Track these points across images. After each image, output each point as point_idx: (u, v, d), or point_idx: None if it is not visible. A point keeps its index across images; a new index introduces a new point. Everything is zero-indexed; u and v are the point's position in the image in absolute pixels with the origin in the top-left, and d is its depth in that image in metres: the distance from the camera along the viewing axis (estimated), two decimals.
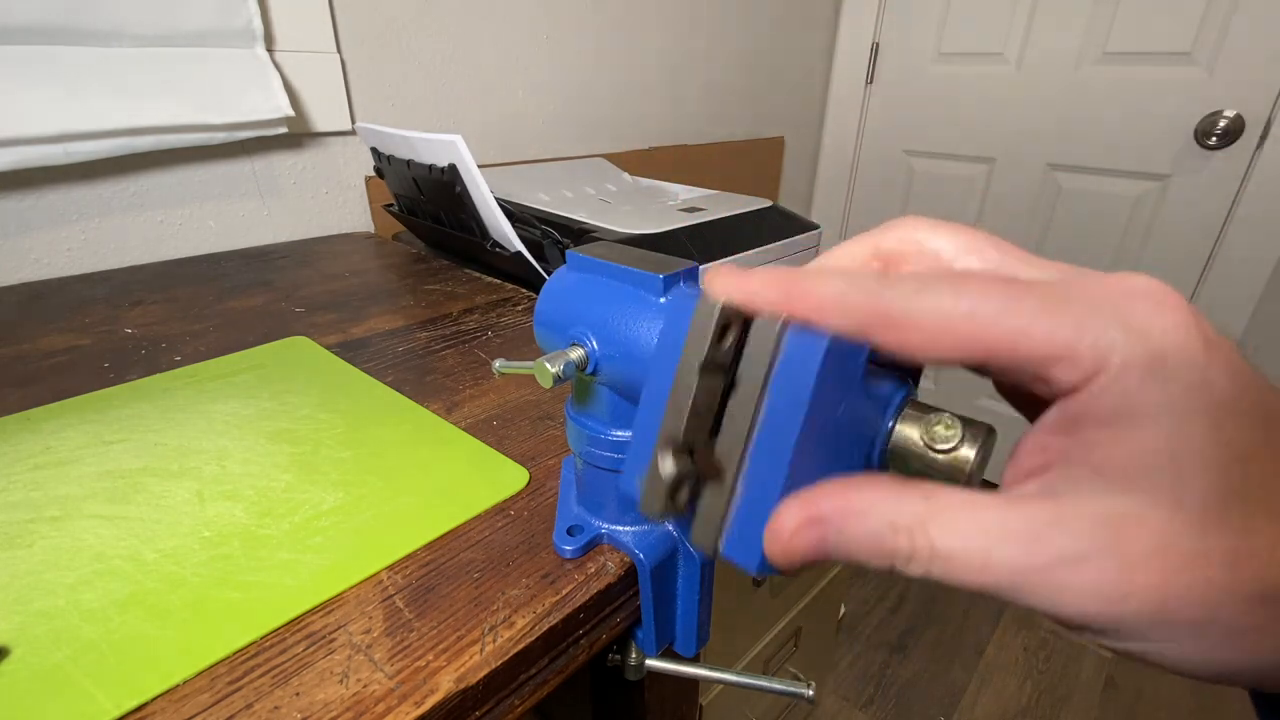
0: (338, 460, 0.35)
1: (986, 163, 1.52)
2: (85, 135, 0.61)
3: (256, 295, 0.61)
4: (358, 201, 0.88)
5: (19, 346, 0.49)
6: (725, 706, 0.78)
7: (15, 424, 0.38)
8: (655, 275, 0.24)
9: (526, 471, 0.35)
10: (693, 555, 0.29)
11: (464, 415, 0.40)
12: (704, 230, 0.72)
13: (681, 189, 0.96)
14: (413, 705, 0.22)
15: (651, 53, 1.21)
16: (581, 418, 0.27)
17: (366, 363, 0.47)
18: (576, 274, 0.27)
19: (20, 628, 0.24)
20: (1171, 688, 1.22)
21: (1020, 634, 1.34)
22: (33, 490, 0.32)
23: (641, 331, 0.23)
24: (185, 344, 0.50)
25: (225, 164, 0.75)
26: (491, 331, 0.53)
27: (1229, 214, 1.25)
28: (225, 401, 0.41)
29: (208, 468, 0.34)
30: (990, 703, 1.20)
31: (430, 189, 0.67)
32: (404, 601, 0.26)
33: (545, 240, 0.65)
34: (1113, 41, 1.28)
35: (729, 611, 0.71)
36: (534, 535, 0.30)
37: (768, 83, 1.51)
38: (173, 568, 0.27)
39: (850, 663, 1.28)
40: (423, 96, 0.91)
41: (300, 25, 0.75)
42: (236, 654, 0.24)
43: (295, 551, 0.28)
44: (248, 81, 0.70)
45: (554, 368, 0.23)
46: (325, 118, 0.80)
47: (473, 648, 0.24)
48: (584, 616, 0.27)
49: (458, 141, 0.58)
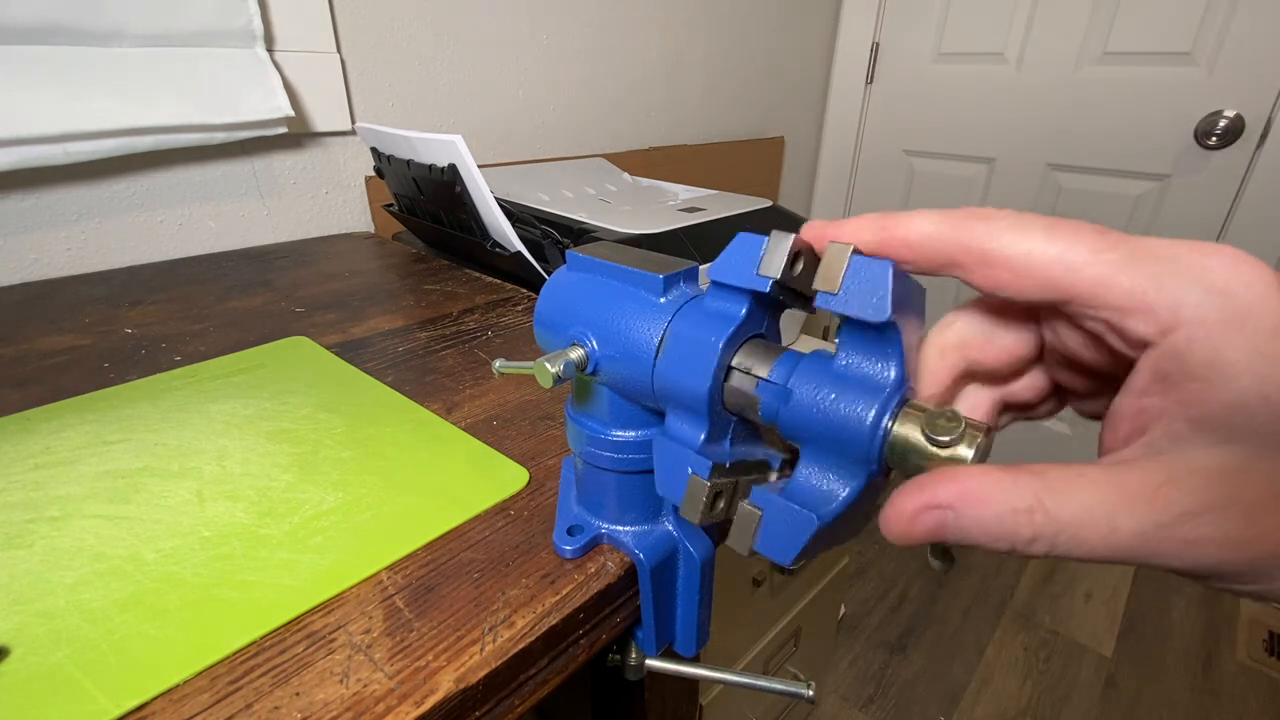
0: (338, 460, 0.35)
1: (986, 163, 1.52)
2: (85, 135, 0.61)
3: (256, 295, 0.61)
4: (358, 201, 0.88)
5: (19, 346, 0.49)
6: (725, 706, 0.78)
7: (15, 424, 0.38)
8: (655, 275, 0.24)
9: (526, 471, 0.35)
10: (693, 555, 0.29)
11: (464, 415, 0.40)
12: (704, 230, 0.72)
13: (681, 189, 0.96)
14: (413, 705, 0.22)
15: (651, 53, 1.21)
16: (581, 418, 0.27)
17: (366, 363, 0.47)
18: (576, 274, 0.27)
19: (20, 628, 0.24)
20: (1172, 688, 1.22)
21: (1020, 634, 1.34)
22: (33, 490, 0.32)
23: (642, 331, 0.23)
24: (185, 344, 0.50)
25: (225, 164, 0.75)
26: (491, 331, 0.53)
27: (1229, 214, 1.25)
28: (225, 401, 0.41)
29: (208, 468, 0.34)
30: (990, 703, 1.20)
31: (430, 189, 0.67)
32: (404, 601, 0.26)
33: (545, 240, 0.65)
34: (1113, 41, 1.28)
35: (729, 611, 0.72)
36: (534, 535, 0.30)
37: (768, 83, 1.51)
38: (173, 568, 0.27)
39: (850, 663, 1.28)
40: (423, 96, 0.91)
41: (300, 25, 0.75)
42: (236, 654, 0.24)
43: (295, 551, 0.28)
44: (248, 81, 0.70)
45: (554, 368, 0.23)
46: (325, 118, 0.80)
47: (473, 648, 0.24)
48: (584, 616, 0.27)
49: (458, 141, 0.58)
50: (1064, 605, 1.41)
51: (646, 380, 0.23)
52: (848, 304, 0.18)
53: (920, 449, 0.17)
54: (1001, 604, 1.41)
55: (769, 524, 0.19)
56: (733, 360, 0.22)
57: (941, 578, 1.47)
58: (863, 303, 0.17)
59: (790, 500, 0.19)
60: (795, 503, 0.19)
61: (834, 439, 0.19)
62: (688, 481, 0.21)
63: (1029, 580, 1.47)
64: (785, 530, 0.19)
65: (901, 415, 0.18)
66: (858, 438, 0.18)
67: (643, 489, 0.27)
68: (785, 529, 0.19)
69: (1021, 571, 1.50)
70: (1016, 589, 1.45)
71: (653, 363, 0.23)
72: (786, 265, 0.19)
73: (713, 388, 0.21)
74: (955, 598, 1.42)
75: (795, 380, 0.20)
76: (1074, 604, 1.41)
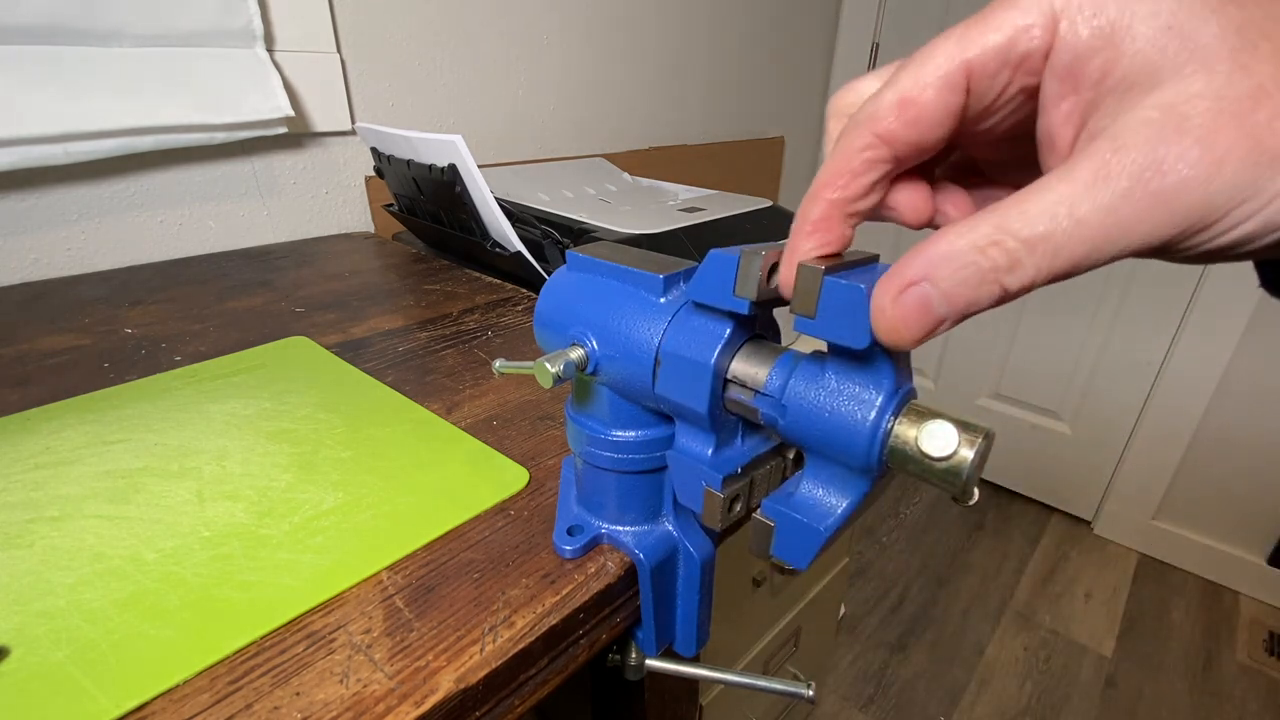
0: (338, 460, 0.35)
1: None
2: (85, 135, 0.61)
3: (256, 295, 0.61)
4: (358, 201, 0.88)
5: (19, 346, 0.49)
6: (725, 706, 0.78)
7: (15, 424, 0.38)
8: (655, 275, 0.24)
9: (526, 471, 0.35)
10: (693, 555, 0.29)
11: (464, 415, 0.40)
12: (704, 230, 0.72)
13: (681, 189, 0.96)
14: (413, 705, 0.22)
15: (651, 52, 1.21)
16: (581, 418, 0.27)
17: (366, 363, 0.47)
18: (576, 274, 0.27)
19: (20, 628, 0.24)
20: (1172, 688, 1.22)
21: (1020, 634, 1.34)
22: (33, 490, 0.32)
23: (642, 332, 0.23)
24: (185, 344, 0.50)
25: (225, 164, 0.75)
26: (491, 331, 0.53)
27: None
28: (225, 401, 0.41)
29: (208, 468, 0.34)
30: (990, 703, 1.20)
31: (430, 189, 0.67)
32: (404, 601, 0.26)
33: (545, 240, 0.65)
34: None
35: (729, 611, 0.71)
36: (534, 535, 0.30)
37: (768, 83, 1.51)
38: (173, 568, 0.27)
39: (850, 663, 1.28)
40: (423, 96, 0.91)
41: (300, 25, 0.75)
42: (236, 654, 0.24)
43: (295, 551, 0.28)
44: (248, 81, 0.70)
45: (554, 368, 0.23)
46: (325, 118, 0.80)
47: (473, 648, 0.24)
48: (584, 616, 0.27)
49: (458, 141, 0.58)
50: (1064, 605, 1.41)
51: (646, 380, 0.24)
52: (827, 329, 0.18)
53: (919, 460, 0.18)
54: (1001, 604, 1.41)
55: (781, 534, 0.20)
56: (730, 370, 0.22)
57: (943, 576, 1.47)
58: (840, 329, 0.17)
59: (797, 512, 0.20)
60: (802, 515, 0.20)
61: (834, 452, 0.19)
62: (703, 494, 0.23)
63: (1029, 580, 1.47)
64: (797, 541, 0.20)
65: (898, 425, 0.18)
66: (856, 452, 0.19)
67: (643, 489, 0.27)
68: (797, 539, 0.20)
69: (1021, 571, 1.50)
70: (1016, 589, 1.45)
71: (653, 370, 0.23)
72: (762, 283, 0.19)
73: (712, 405, 0.22)
74: (955, 598, 1.42)
75: (791, 392, 0.20)
76: (1074, 604, 1.41)
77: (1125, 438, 1.52)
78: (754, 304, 0.20)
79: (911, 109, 0.16)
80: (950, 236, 0.15)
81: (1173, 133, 0.13)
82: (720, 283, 0.20)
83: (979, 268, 0.14)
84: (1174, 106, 0.13)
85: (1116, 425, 1.52)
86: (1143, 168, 0.13)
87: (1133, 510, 1.54)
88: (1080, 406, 1.58)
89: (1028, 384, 1.65)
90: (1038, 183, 0.14)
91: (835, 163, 0.17)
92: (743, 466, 0.23)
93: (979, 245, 0.14)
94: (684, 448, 0.24)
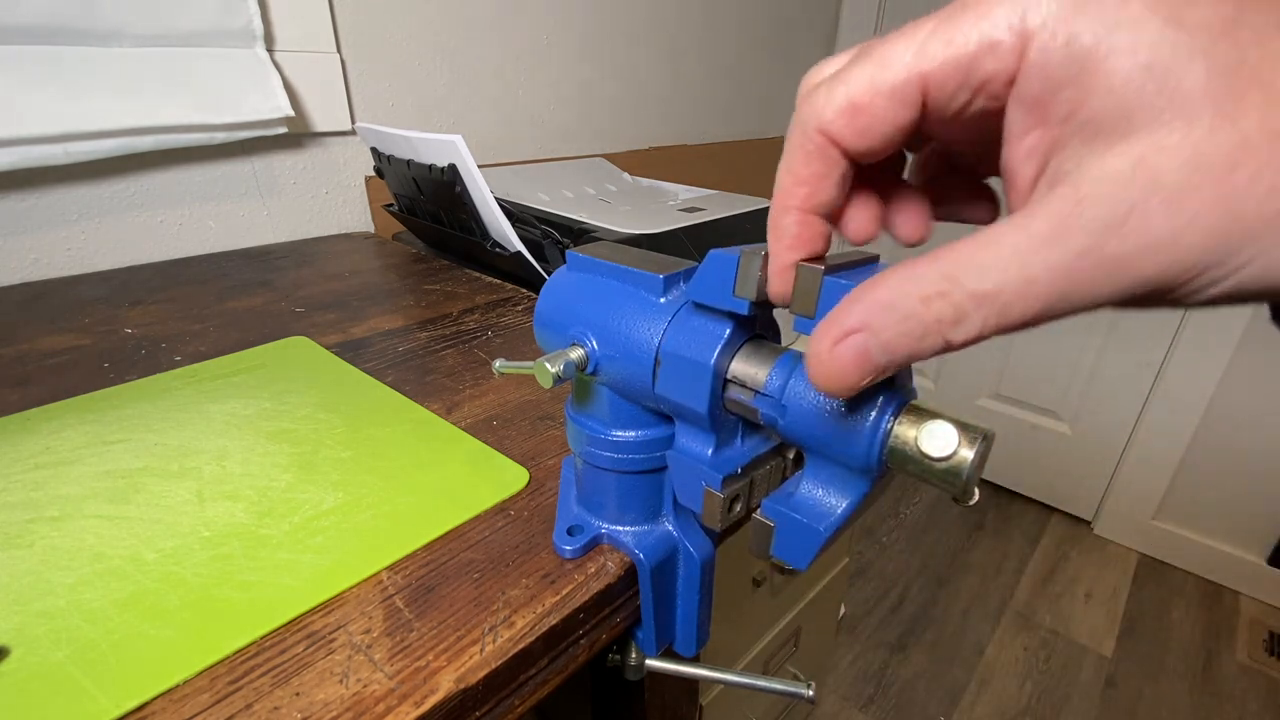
0: (338, 460, 0.35)
1: None
2: (85, 135, 0.61)
3: (256, 295, 0.61)
4: (358, 201, 0.88)
5: (19, 346, 0.49)
6: (725, 706, 0.78)
7: (15, 424, 0.38)
8: (655, 275, 0.24)
9: (526, 471, 0.35)
10: (693, 555, 0.29)
11: (464, 415, 0.40)
12: (704, 230, 0.72)
13: (681, 189, 0.96)
14: (413, 705, 0.22)
15: (651, 53, 1.21)
16: (581, 418, 0.27)
17: (366, 363, 0.47)
18: (576, 274, 0.27)
19: (20, 628, 0.24)
20: (1172, 688, 1.22)
21: (1020, 634, 1.34)
22: (33, 490, 0.32)
23: (641, 332, 0.24)
24: (185, 344, 0.50)
25: (225, 164, 0.75)
26: (491, 331, 0.53)
27: None
28: (225, 401, 0.41)
29: (208, 468, 0.34)
30: (990, 703, 1.20)
31: (430, 189, 0.67)
32: (404, 601, 0.26)
33: (545, 240, 0.65)
34: None
35: (729, 611, 0.71)
36: (534, 535, 0.30)
37: (768, 83, 1.51)
38: (173, 568, 0.27)
39: (850, 663, 1.28)
40: (423, 96, 0.91)
41: (300, 25, 0.75)
42: (236, 654, 0.24)
43: (295, 551, 0.28)
44: (248, 81, 0.70)
45: (554, 368, 0.23)
46: (325, 118, 0.80)
47: (473, 648, 0.24)
48: (584, 616, 0.27)
49: (458, 141, 0.58)
50: (1064, 605, 1.41)
51: (647, 380, 0.24)
52: None
53: (919, 461, 0.18)
54: (1001, 604, 1.41)
55: (781, 534, 0.21)
56: (729, 370, 0.22)
57: (943, 576, 1.47)
58: None
59: (797, 513, 0.20)
60: (802, 515, 0.20)
61: (834, 452, 0.19)
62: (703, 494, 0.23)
63: (1029, 580, 1.47)
64: (797, 541, 0.20)
65: (898, 425, 0.18)
66: (856, 452, 0.19)
67: (643, 489, 0.27)
68: (797, 540, 0.20)
69: (1021, 571, 1.50)
70: (1016, 589, 1.45)
71: (653, 369, 0.23)
72: (762, 283, 0.19)
73: (712, 406, 0.22)
74: (955, 598, 1.42)
75: (791, 392, 0.20)
76: (1074, 604, 1.41)
77: (1125, 438, 1.52)
78: (754, 304, 0.20)
79: (861, 117, 0.15)
80: (894, 281, 0.14)
81: (1139, 191, 0.12)
82: (720, 283, 0.20)
83: (921, 320, 0.14)
84: (1145, 159, 0.12)
85: (1116, 425, 1.52)
86: (1103, 226, 0.12)
87: (1133, 510, 1.54)
88: (1080, 406, 1.58)
89: (1028, 384, 1.65)
90: (992, 229, 0.13)
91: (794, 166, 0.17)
92: (743, 466, 0.23)
93: (924, 295, 0.14)
94: (684, 448, 0.24)
